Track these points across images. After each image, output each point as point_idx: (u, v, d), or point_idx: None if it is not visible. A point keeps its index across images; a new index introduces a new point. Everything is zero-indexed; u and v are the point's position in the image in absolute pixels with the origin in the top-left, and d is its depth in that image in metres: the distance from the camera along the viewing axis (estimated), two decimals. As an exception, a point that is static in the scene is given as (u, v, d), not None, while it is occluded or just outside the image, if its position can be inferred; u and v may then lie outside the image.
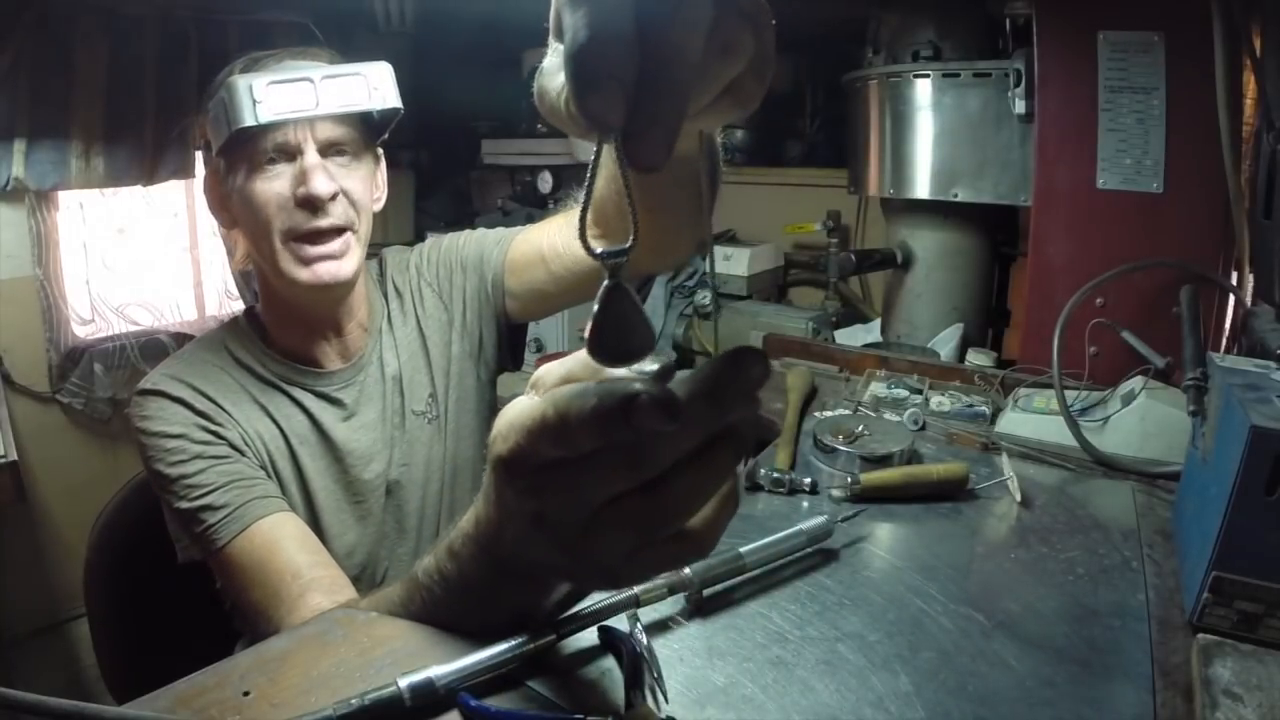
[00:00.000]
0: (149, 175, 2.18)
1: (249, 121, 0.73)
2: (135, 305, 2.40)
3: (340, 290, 0.85)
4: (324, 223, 0.80)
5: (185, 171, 2.26)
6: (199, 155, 2.34)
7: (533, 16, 0.28)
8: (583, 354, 0.39)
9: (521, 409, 0.38)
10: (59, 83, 1.97)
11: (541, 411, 0.35)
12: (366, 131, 0.85)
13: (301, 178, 0.78)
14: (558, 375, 0.40)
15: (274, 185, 0.79)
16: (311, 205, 0.79)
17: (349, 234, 0.82)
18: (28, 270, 2.10)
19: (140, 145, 2.13)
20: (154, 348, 2.33)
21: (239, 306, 2.66)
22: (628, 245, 0.35)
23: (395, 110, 0.83)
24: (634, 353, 0.35)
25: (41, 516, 2.18)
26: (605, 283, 0.34)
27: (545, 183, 2.20)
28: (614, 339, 0.35)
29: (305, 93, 0.76)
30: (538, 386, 0.41)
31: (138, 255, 2.40)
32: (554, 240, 0.88)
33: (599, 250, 0.34)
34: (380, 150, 0.90)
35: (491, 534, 0.44)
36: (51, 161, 2.01)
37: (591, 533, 0.37)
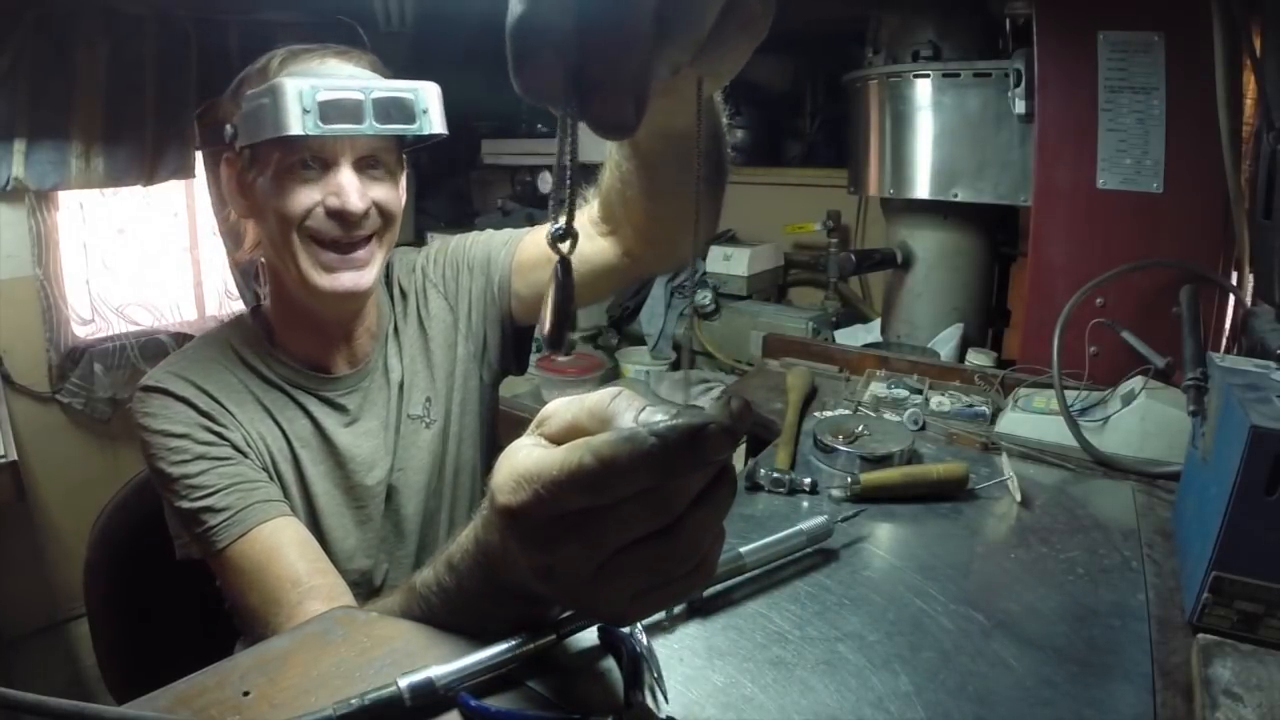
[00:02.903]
0: (149, 175, 2.18)
1: (297, 131, 0.71)
2: (135, 305, 2.40)
3: (358, 300, 0.85)
4: (351, 235, 0.79)
5: (185, 171, 2.26)
6: (199, 155, 2.34)
7: (533, 17, 0.27)
8: (590, 403, 0.39)
9: (535, 459, 0.37)
10: (59, 83, 1.97)
11: (578, 460, 0.35)
12: (400, 142, 0.84)
13: (335, 189, 0.77)
14: (564, 421, 0.40)
15: (305, 190, 0.77)
16: (342, 218, 0.78)
17: (374, 243, 0.81)
18: (28, 270, 2.10)
19: (140, 145, 2.13)
20: (154, 348, 2.33)
21: (239, 306, 2.66)
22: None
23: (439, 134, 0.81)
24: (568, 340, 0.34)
25: (41, 516, 2.19)
26: (557, 262, 0.33)
27: (545, 183, 2.20)
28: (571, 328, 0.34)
29: (355, 108, 0.74)
30: (544, 426, 0.41)
31: (138, 255, 2.41)
32: None
33: (550, 228, 0.33)
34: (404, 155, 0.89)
35: (495, 560, 0.44)
36: (51, 161, 2.01)
37: (602, 581, 0.37)
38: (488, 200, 2.81)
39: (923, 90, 1.45)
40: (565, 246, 0.33)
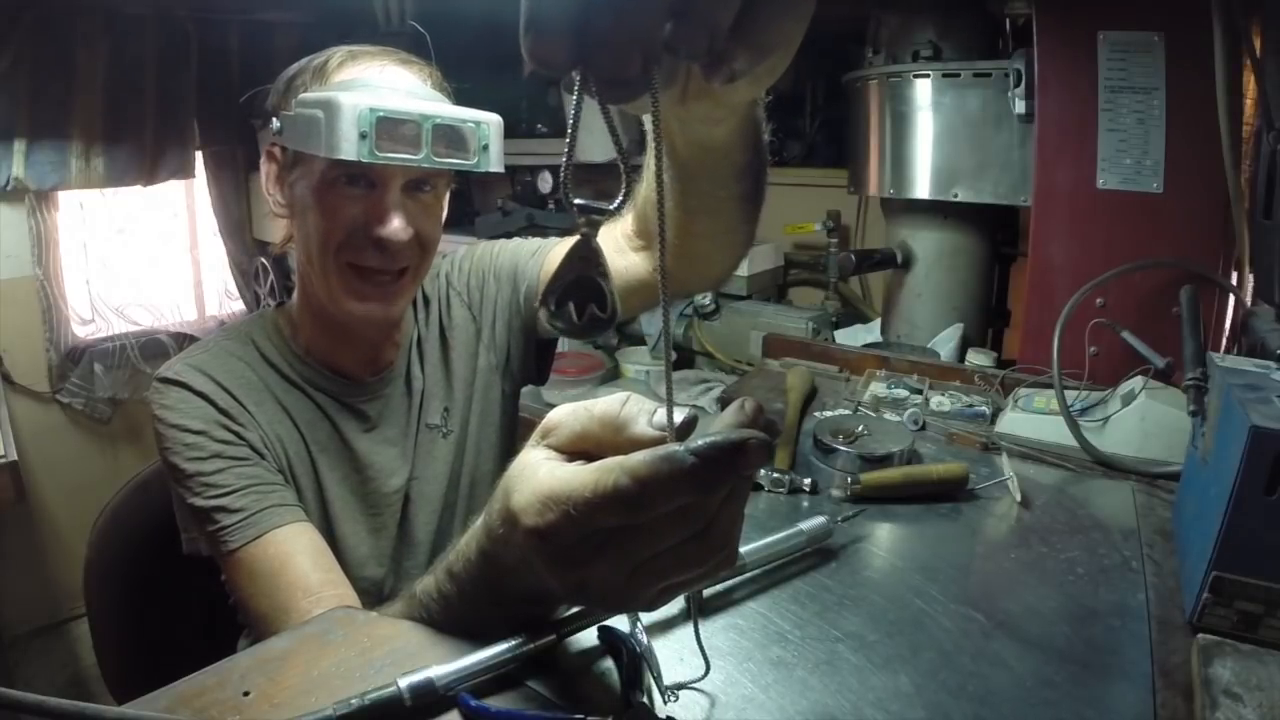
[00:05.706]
0: (149, 175, 2.18)
1: (350, 156, 0.67)
2: (135, 305, 2.40)
3: (385, 324, 0.84)
4: (389, 265, 0.77)
5: (185, 171, 2.26)
6: (199, 155, 2.35)
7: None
8: (599, 411, 0.39)
9: (560, 479, 0.37)
10: (59, 83, 1.98)
11: (613, 482, 0.34)
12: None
13: (378, 214, 0.75)
14: (573, 431, 0.40)
15: (346, 207, 0.75)
16: (381, 246, 0.75)
17: (408, 274, 0.80)
18: (28, 270, 2.11)
19: (140, 145, 2.14)
20: (154, 348, 2.33)
21: (239, 306, 2.67)
22: (613, 205, 0.33)
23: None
24: (596, 323, 0.34)
25: (41, 516, 2.19)
26: (576, 238, 0.33)
27: (545, 183, 2.20)
28: (577, 305, 0.33)
29: (413, 135, 0.70)
30: (552, 436, 0.41)
31: (138, 255, 2.41)
32: None
33: (578, 201, 0.33)
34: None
35: (505, 572, 0.44)
36: (51, 161, 2.01)
37: (634, 585, 0.37)
38: (488, 200, 2.81)
39: (923, 90, 1.45)
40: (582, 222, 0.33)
